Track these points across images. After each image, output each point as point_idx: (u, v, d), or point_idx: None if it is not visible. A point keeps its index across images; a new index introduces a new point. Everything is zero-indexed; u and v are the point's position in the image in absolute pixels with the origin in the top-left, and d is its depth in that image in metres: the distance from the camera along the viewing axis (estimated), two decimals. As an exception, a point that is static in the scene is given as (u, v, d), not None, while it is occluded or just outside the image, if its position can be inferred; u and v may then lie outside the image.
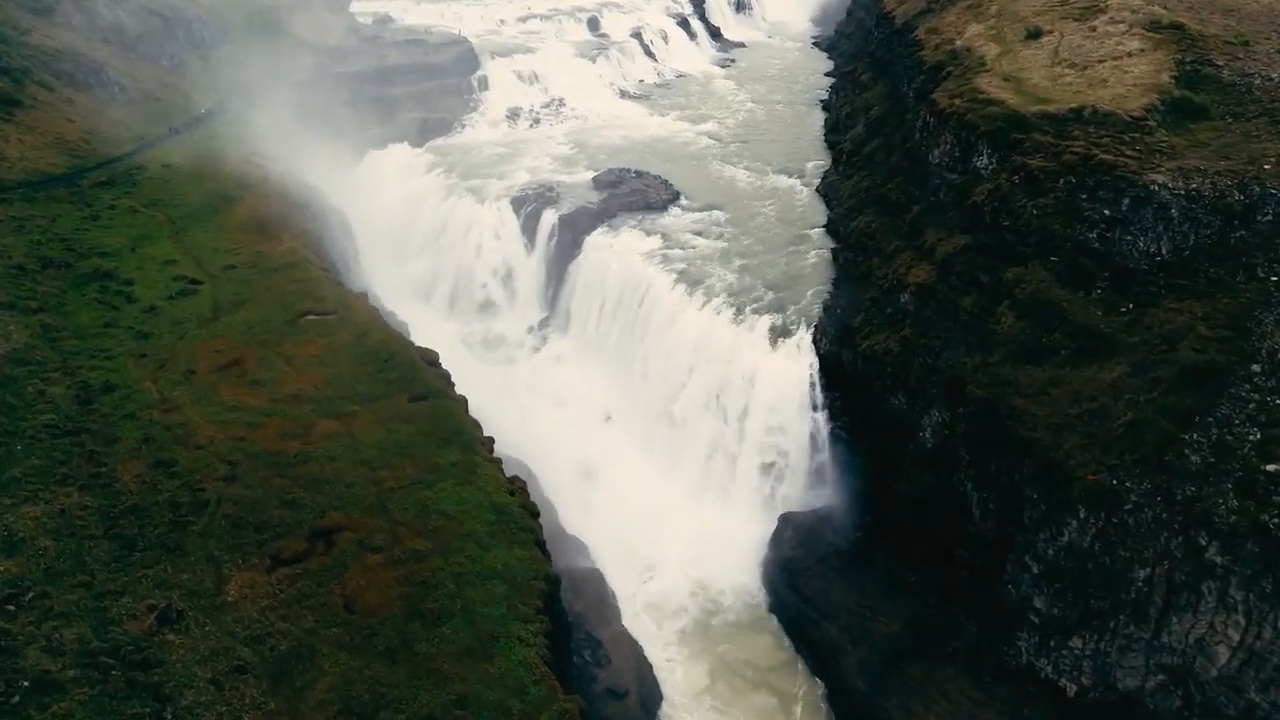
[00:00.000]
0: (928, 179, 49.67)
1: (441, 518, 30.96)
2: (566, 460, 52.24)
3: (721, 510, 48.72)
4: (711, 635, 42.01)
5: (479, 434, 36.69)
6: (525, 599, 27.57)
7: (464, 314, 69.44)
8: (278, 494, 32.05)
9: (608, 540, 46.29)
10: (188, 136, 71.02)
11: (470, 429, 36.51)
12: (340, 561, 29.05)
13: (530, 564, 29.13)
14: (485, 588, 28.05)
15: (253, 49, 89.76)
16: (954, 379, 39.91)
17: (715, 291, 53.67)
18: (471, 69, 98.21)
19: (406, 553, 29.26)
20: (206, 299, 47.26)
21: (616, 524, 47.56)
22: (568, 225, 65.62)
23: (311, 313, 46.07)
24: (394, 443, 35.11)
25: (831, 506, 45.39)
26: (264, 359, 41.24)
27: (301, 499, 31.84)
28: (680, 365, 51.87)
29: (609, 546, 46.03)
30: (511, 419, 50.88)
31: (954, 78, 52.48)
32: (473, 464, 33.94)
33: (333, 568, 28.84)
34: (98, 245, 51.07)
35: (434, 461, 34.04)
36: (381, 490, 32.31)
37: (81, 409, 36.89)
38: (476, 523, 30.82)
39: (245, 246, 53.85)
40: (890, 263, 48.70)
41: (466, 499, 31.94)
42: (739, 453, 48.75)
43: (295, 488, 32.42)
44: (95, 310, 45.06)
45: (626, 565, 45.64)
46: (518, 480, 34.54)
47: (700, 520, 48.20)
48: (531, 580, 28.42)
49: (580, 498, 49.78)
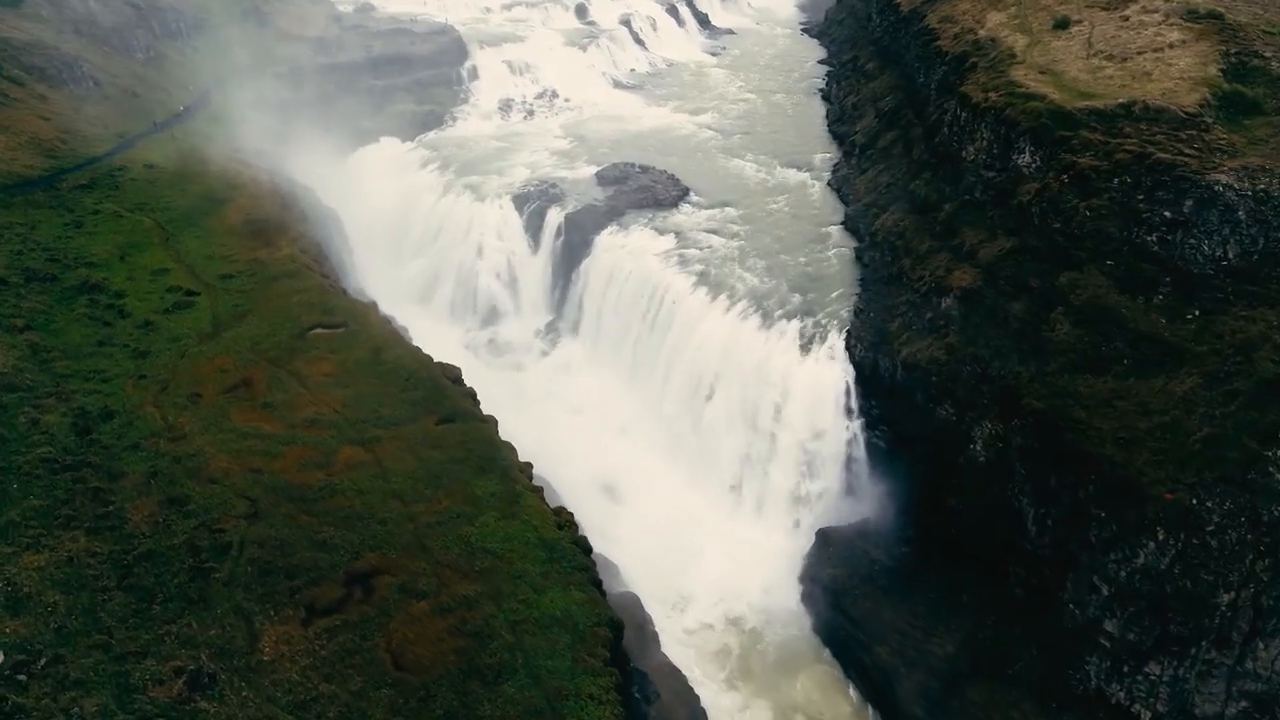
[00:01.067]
0: (961, 176, 47.81)
1: (488, 557, 28.63)
2: (586, 473, 49.98)
3: (754, 525, 46.83)
4: (755, 661, 40.13)
5: (515, 458, 34.37)
6: (591, 648, 25.41)
7: (466, 318, 66.72)
8: (306, 533, 29.52)
9: (637, 559, 44.17)
10: (169, 134, 67.37)
11: (506, 454, 34.17)
12: (382, 610, 26.66)
13: (591, 608, 26.95)
14: (546, 636, 25.83)
15: (231, 40, 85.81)
16: (1007, 389, 38.18)
17: (738, 295, 51.51)
18: (460, 59, 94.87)
19: (455, 598, 26.92)
20: (205, 312, 44.28)
21: (645, 541, 45.46)
22: (575, 224, 63.06)
23: (320, 326, 43.31)
24: (426, 471, 32.66)
25: (871, 520, 43.62)
26: (274, 379, 38.50)
27: (333, 539, 29.35)
28: (705, 373, 49.74)
29: (639, 566, 43.90)
30: (524, 429, 48.43)
31: (983, 70, 50.56)
32: (514, 494, 31.61)
33: (375, 618, 26.45)
34: (84, 254, 47.77)
35: (471, 492, 31.66)
36: (418, 526, 29.88)
37: (80, 440, 33.99)
38: (527, 562, 28.55)
39: (241, 253, 50.79)
40: (924, 264, 46.84)
41: (513, 535, 29.63)
42: (771, 464, 46.81)
43: (324, 526, 29.90)
44: (86, 327, 41.95)
45: (659, 586, 43.55)
46: (564, 512, 32.29)
47: (732, 536, 46.28)
48: (595, 627, 26.25)
49: (604, 513, 47.55)
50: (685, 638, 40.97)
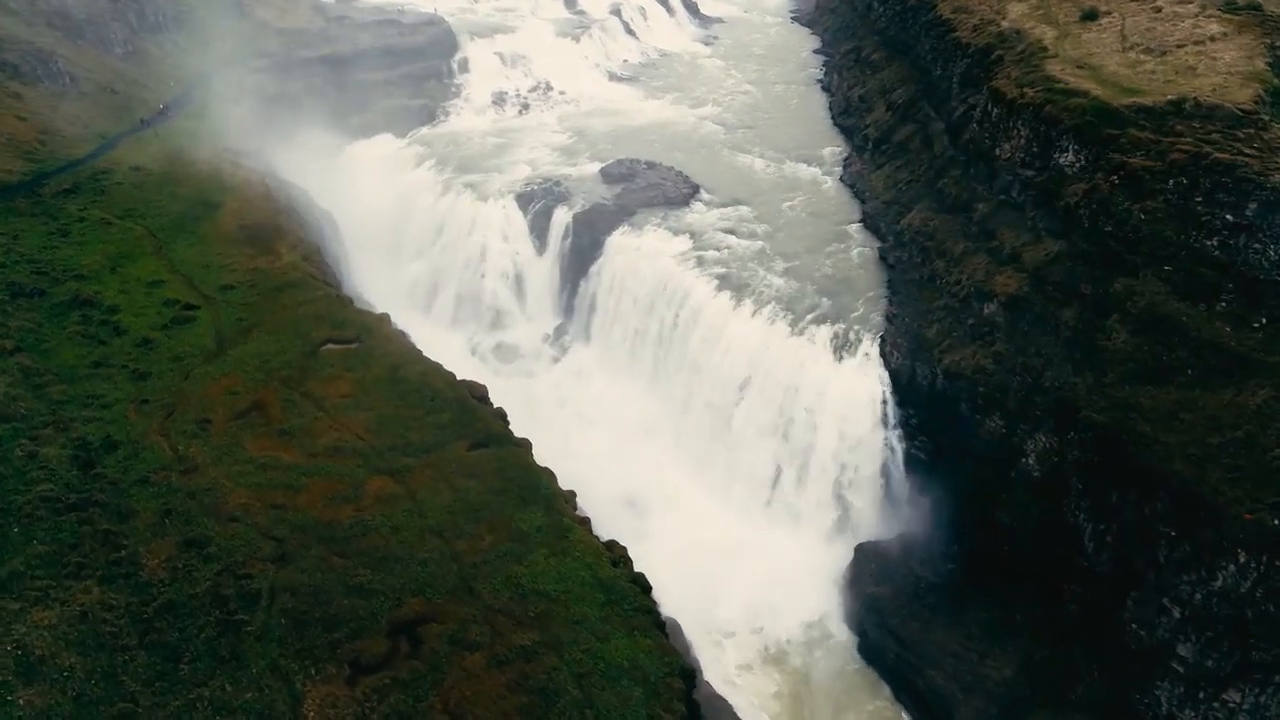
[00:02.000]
0: (995, 174, 46.14)
1: (542, 600, 26.57)
2: (609, 486, 47.84)
3: (789, 540, 45.07)
4: (803, 687, 38.46)
5: (556, 486, 32.26)
6: (666, 703, 23.50)
7: (470, 323, 64.21)
8: (341, 577, 27.26)
9: (671, 579, 41.91)
10: (152, 133, 64.01)
11: (547, 482, 32.05)
12: (434, 665, 24.52)
13: (661, 656, 25.00)
14: (616, 691, 23.86)
15: (212, 33, 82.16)
16: (1063, 401, 36.63)
17: (764, 299, 49.58)
18: (450, 51, 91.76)
19: (511, 649, 24.84)
20: (207, 327, 41.56)
21: (676, 558, 43.41)
22: (584, 224, 60.73)
23: (331, 341, 40.79)
24: (464, 504, 30.46)
25: (912, 534, 42.03)
26: (289, 401, 36.01)
27: (371, 583, 27.11)
28: (733, 381, 47.83)
29: (671, 585, 41.63)
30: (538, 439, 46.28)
31: (1012, 64, 48.86)
32: (561, 527, 29.53)
33: (426, 674, 24.30)
34: (72, 266, 44.77)
35: (516, 526, 29.53)
36: (463, 567, 27.73)
37: (83, 474, 31.38)
38: (585, 605, 26.52)
39: (239, 262, 47.98)
40: (960, 267, 45.18)
41: (566, 574, 27.58)
42: (805, 476, 45.07)
43: (360, 568, 27.65)
44: (80, 346, 39.13)
45: (695, 606, 41.60)
46: (617, 546, 30.27)
47: (767, 551, 44.49)
48: (667, 678, 24.33)
49: (632, 529, 45.41)
50: (728, 663, 39.17)
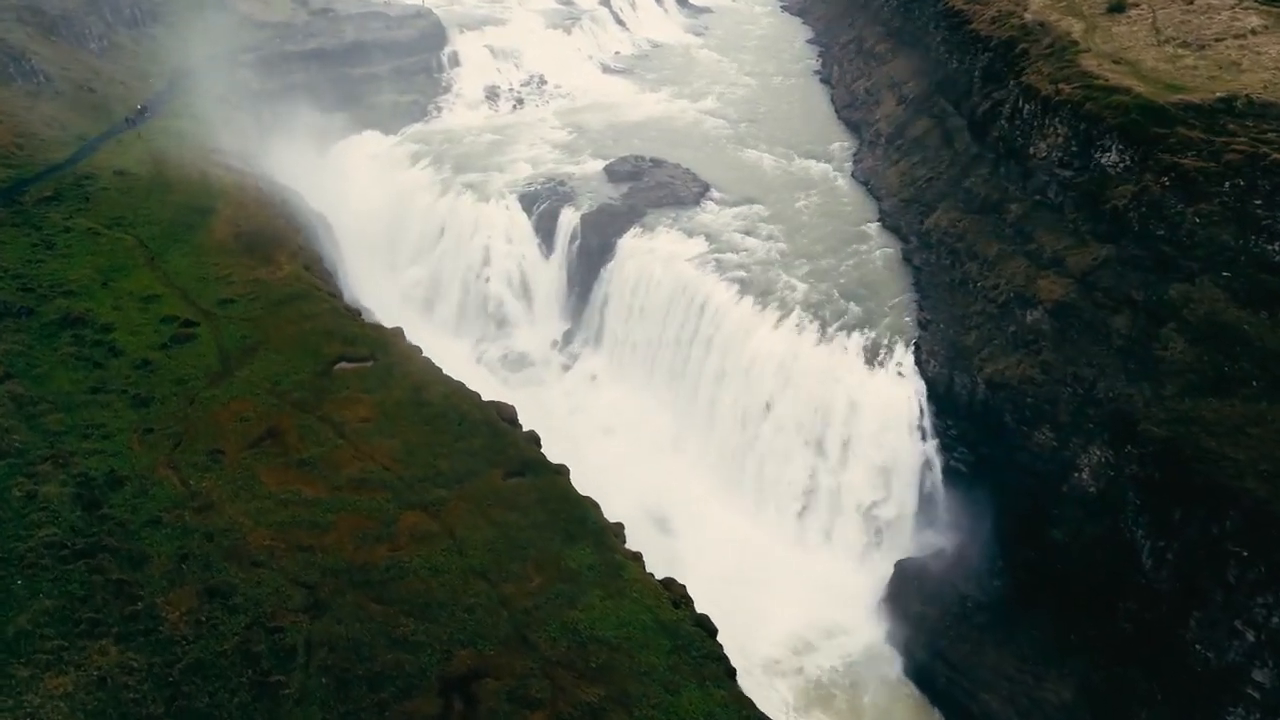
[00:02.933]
0: (1029, 174, 44.60)
1: (603, 649, 24.63)
2: (632, 502, 45.85)
3: (824, 557, 43.55)
4: (851, 713, 36.86)
5: (602, 518, 30.28)
6: (748, 765, 21.69)
7: (474, 329, 61.96)
8: (382, 628, 25.13)
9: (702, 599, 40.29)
10: (135, 134, 60.83)
11: (593, 513, 30.08)
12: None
13: (738, 709, 23.20)
14: (693, 753, 22.03)
15: (191, 27, 78.74)
16: (1118, 413, 35.23)
17: (789, 304, 47.81)
18: (439, 45, 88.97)
19: (577, 706, 22.89)
20: (209, 346, 38.97)
21: (711, 581, 41.54)
22: (592, 226, 58.59)
23: (344, 359, 38.38)
24: (507, 541, 28.39)
25: (953, 550, 40.59)
26: (306, 428, 33.64)
27: (415, 634, 25.02)
28: (760, 391, 46.06)
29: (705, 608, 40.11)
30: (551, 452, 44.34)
31: (1042, 58, 47.29)
32: (614, 565, 27.60)
33: (486, 738, 22.29)
34: (60, 280, 41.90)
35: (565, 565, 27.54)
36: (514, 613, 25.71)
37: (89, 515, 28.91)
38: (649, 653, 24.63)
39: (237, 272, 45.29)
40: (996, 270, 43.65)
41: (626, 618, 25.66)
42: (840, 491, 43.49)
43: (401, 617, 25.53)
44: (74, 370, 36.41)
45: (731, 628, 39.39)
46: (675, 585, 28.39)
47: (801, 569, 42.91)
48: (747, 736, 22.52)
49: (658, 548, 43.58)
50: (771, 688, 37.50)
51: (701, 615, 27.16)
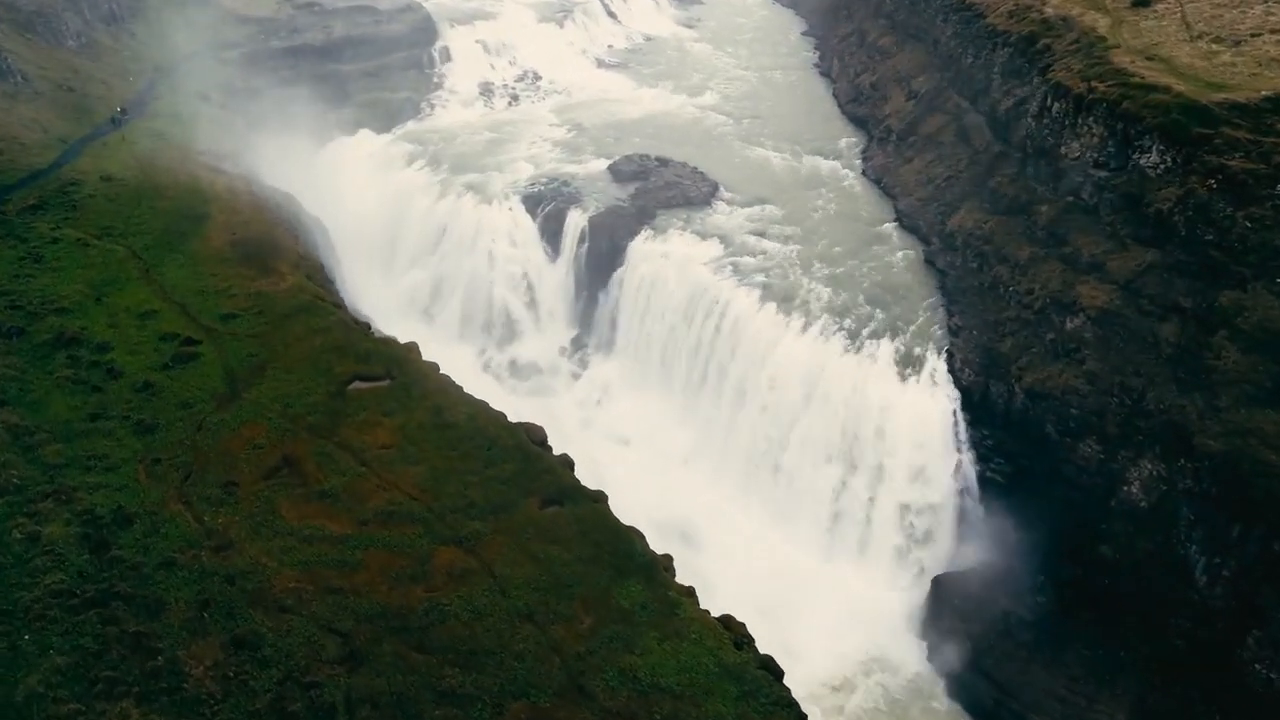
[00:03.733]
0: (1060, 174, 43.33)
1: (666, 698, 23.05)
2: (654, 515, 44.16)
3: (856, 572, 42.17)
4: (898, 741, 35.67)
5: (649, 549, 28.71)
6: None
7: (478, 336, 59.90)
8: (427, 681, 23.38)
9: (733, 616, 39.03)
10: (119, 136, 58.15)
11: (639, 544, 28.49)
12: (556, 790, 20.89)
13: (815, 766, 21.69)
14: (775, 815, 20.54)
15: (173, 23, 75.77)
16: (1170, 425, 34.06)
17: (813, 311, 46.30)
18: (429, 39, 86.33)
19: (644, 766, 21.33)
20: (214, 365, 36.84)
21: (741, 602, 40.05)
22: (602, 229, 56.72)
23: (358, 378, 36.42)
24: (551, 578, 26.69)
25: (992, 565, 39.34)
26: (323, 455, 31.70)
27: (463, 686, 23.30)
28: (786, 401, 44.53)
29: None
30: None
31: (1068, 54, 45.98)
32: (668, 602, 26.03)
33: (550, 803, 20.67)
34: (51, 297, 39.55)
35: (616, 603, 25.92)
36: (566, 659, 24.04)
37: (97, 558, 26.91)
38: (715, 700, 23.09)
39: (237, 284, 43.07)
40: (1029, 274, 42.37)
41: (686, 662, 24.08)
42: (873, 504, 42.09)
43: (447, 667, 23.80)
44: (71, 394, 34.21)
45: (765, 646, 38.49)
46: (735, 623, 26.83)
47: (833, 585, 41.56)
48: (829, 795, 21.02)
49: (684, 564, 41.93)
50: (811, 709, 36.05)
51: (766, 657, 25.66)
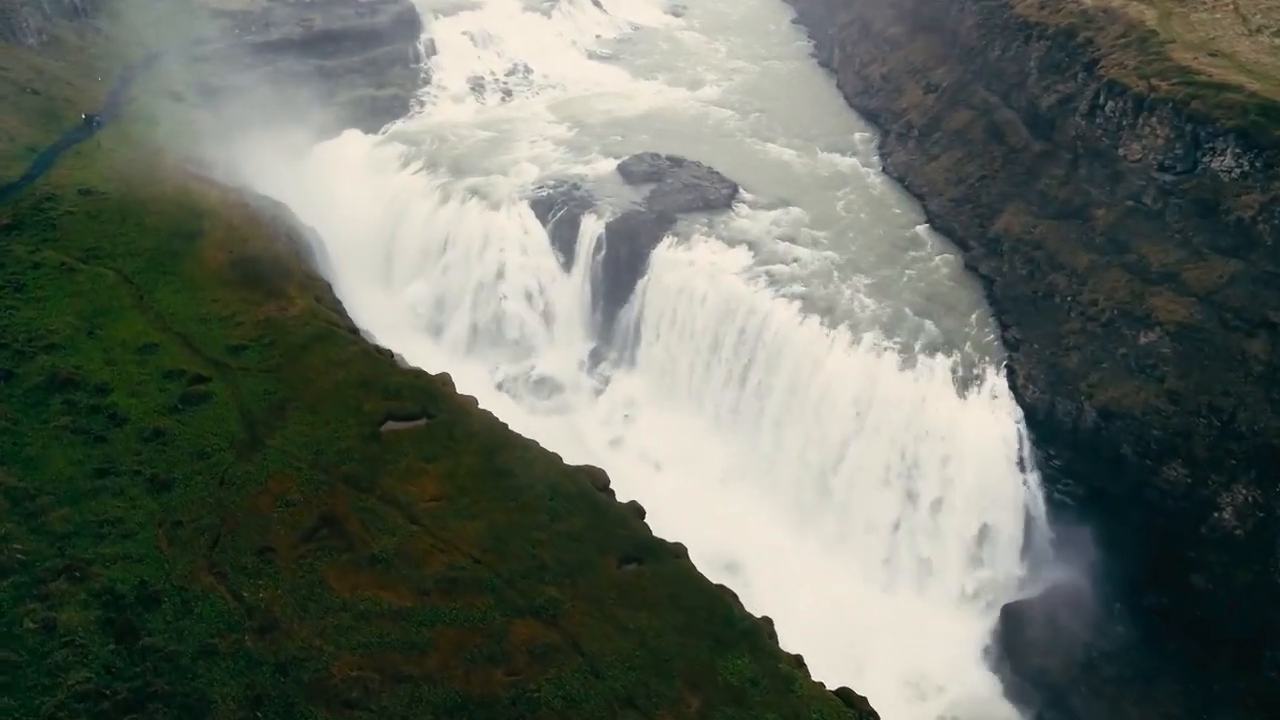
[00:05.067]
0: (1119, 177, 41.33)
1: (798, 797, 20.50)
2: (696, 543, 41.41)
3: (917, 603, 40.07)
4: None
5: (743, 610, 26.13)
6: None
7: (490, 351, 56.62)
8: (525, 788, 20.56)
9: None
10: (93, 142, 53.72)
11: (736, 607, 25.85)
12: None
13: None
14: None
15: (140, 18, 70.77)
16: (1266, 449, 32.29)
17: (859, 324, 43.88)
18: (413, 32, 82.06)
19: None
20: (228, 407, 33.27)
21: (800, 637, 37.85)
22: (620, 236, 53.71)
23: (391, 417, 33.10)
24: (646, 653, 23.94)
25: (1064, 592, 37.47)
26: (366, 511, 28.50)
27: (568, 793, 20.52)
28: (837, 421, 42.14)
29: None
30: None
31: (1118, 48, 43.95)
32: (780, 676, 23.50)
33: None
34: (39, 331, 35.62)
35: (723, 680, 23.29)
36: (679, 753, 21.38)
37: (125, 648, 23.55)
38: (853, 798, 20.59)
39: (242, 310, 39.39)
40: (1090, 284, 40.37)
41: (813, 752, 21.57)
42: (934, 530, 40.01)
43: (545, 769, 20.98)
44: (73, 446, 30.51)
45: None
46: (856, 696, 24.33)
47: (894, 618, 39.38)
48: None
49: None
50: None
51: (896, 739, 23.17)
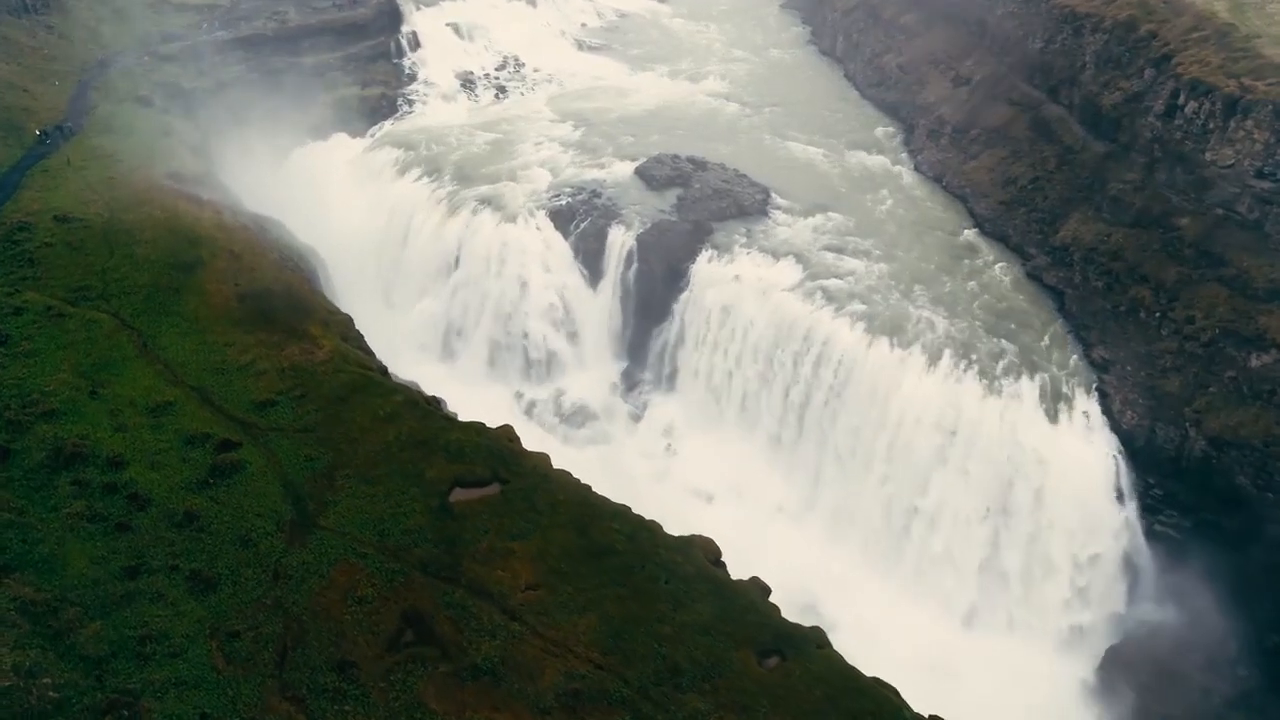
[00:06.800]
0: (1207, 184, 38.85)
1: None
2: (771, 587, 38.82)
3: (1010, 643, 37.54)
4: None
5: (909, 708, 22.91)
6: None
7: (512, 375, 52.58)
8: None
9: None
10: (62, 158, 48.13)
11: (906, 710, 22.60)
12: None
13: None
14: None
15: (95, 13, 65.27)
16: None
17: (932, 345, 40.92)
18: (394, 24, 76.82)
19: None
20: (267, 479, 28.92)
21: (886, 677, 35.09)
22: (654, 249, 49.94)
23: (459, 484, 29.15)
24: (818, 778, 20.67)
25: (1174, 632, 35.18)
26: (456, 608, 24.60)
27: None
28: (917, 451, 39.21)
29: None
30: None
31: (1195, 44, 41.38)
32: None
33: None
34: (32, 395, 30.73)
35: (913, 811, 20.10)
36: None
37: (199, 809, 19.52)
38: None
39: (261, 355, 34.88)
40: (1182, 299, 37.90)
41: None
42: (1027, 565, 37.41)
43: None
44: (92, 539, 26.02)
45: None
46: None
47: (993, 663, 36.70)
48: None
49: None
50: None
51: None
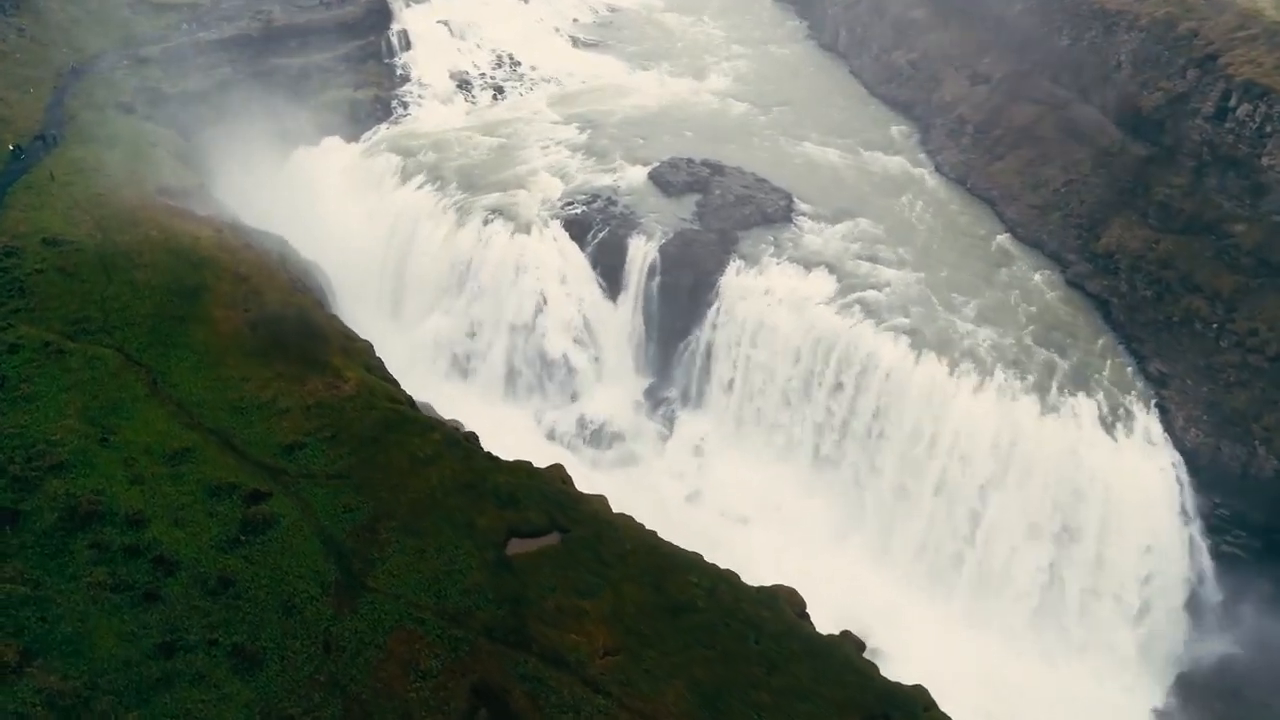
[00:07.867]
0: (1262, 190, 37.66)
1: None
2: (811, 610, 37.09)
3: (1073, 670, 36.21)
4: None
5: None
6: None
7: (531, 394, 50.30)
8: None
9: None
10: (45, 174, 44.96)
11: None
12: None
13: None
14: None
15: (69, 14, 61.41)
16: None
17: (982, 361, 39.35)
18: (384, 22, 73.59)
19: None
20: (303, 534, 26.58)
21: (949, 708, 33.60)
22: (678, 260, 47.85)
23: (514, 534, 27.06)
24: None
25: (1245, 658, 34.05)
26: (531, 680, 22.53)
27: None
28: (972, 472, 37.74)
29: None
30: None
31: (1243, 43, 40.12)
32: None
33: None
34: (37, 445, 27.96)
35: None
36: None
37: None
38: None
39: (282, 391, 32.42)
40: (1242, 310, 36.74)
41: None
42: (1090, 589, 36.14)
43: None
44: (117, 614, 23.52)
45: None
46: None
47: (1057, 693, 35.40)
48: None
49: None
50: None
51: None
